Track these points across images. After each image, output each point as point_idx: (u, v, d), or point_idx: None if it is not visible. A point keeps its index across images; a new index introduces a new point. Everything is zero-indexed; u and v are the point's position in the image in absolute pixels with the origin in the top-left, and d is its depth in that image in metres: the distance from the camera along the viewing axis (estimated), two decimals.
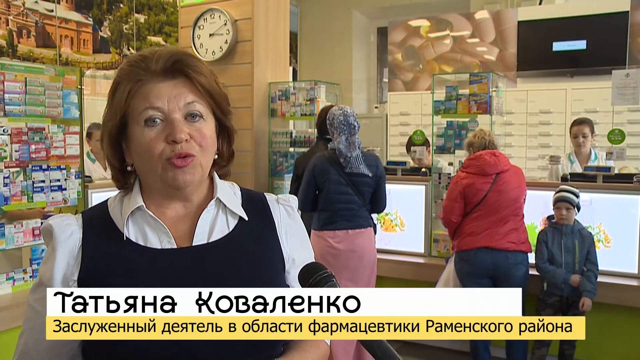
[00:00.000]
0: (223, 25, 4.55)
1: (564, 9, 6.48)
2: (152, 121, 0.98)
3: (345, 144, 3.30)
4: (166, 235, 1.02)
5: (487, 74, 4.13)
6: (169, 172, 0.99)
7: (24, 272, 2.99)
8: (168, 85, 0.99)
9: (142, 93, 0.99)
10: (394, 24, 7.50)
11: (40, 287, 1.01)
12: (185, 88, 1.00)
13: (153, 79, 0.99)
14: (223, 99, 1.06)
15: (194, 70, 1.00)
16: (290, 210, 1.14)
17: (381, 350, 0.80)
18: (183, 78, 1.01)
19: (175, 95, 0.99)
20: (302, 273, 0.89)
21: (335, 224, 3.32)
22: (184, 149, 0.98)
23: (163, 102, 0.98)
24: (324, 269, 0.87)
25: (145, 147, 0.99)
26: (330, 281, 0.86)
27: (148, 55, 1.01)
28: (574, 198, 3.36)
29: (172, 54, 1.01)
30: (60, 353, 1.01)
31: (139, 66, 1.00)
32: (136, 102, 0.99)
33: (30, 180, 2.95)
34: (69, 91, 3.14)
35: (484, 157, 3.45)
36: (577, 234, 3.37)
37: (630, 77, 3.75)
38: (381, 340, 0.81)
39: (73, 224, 1.03)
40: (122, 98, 0.99)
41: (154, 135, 0.98)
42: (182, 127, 0.98)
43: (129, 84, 0.99)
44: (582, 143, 4.31)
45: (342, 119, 3.30)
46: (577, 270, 3.33)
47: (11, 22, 4.81)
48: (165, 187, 1.02)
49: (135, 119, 1.00)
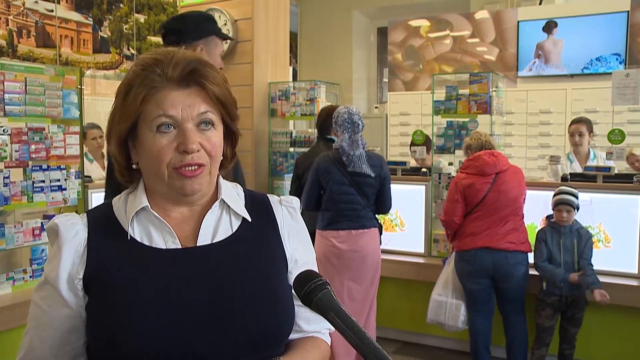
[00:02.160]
0: (223, 25, 4.55)
1: (564, 9, 6.49)
2: (165, 127, 0.98)
3: (348, 142, 3.30)
4: (171, 235, 1.03)
5: (487, 74, 4.13)
6: (176, 181, 1.00)
7: (24, 272, 2.99)
8: (182, 94, 0.99)
9: (156, 99, 0.99)
10: (394, 24, 7.50)
11: (46, 286, 1.01)
12: (199, 97, 1.00)
13: (168, 85, 0.99)
14: (233, 106, 1.06)
15: (210, 80, 1.00)
16: (292, 211, 1.15)
17: (376, 356, 0.80)
18: (197, 87, 1.01)
19: (189, 104, 0.99)
20: (297, 281, 0.90)
21: (339, 224, 3.32)
22: (195, 160, 0.99)
23: (177, 111, 0.98)
24: (318, 277, 0.88)
25: (155, 154, 0.99)
26: (325, 289, 0.87)
27: (163, 59, 1.00)
28: (574, 200, 3.36)
29: (189, 61, 1.00)
30: (64, 351, 1.01)
31: (154, 71, 0.99)
32: (149, 108, 0.99)
33: (30, 180, 2.95)
34: (69, 91, 3.14)
35: (483, 158, 3.45)
36: (576, 233, 3.37)
37: (630, 77, 3.75)
38: (377, 347, 0.81)
39: (78, 223, 1.03)
40: (136, 103, 0.99)
41: (165, 142, 0.98)
42: (194, 137, 0.99)
43: (143, 89, 0.98)
44: (579, 142, 4.32)
45: (347, 117, 3.31)
46: (576, 270, 3.33)
47: (11, 22, 4.81)
48: (171, 192, 1.03)
49: (147, 124, 0.99)
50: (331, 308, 0.85)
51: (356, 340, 0.82)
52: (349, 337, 0.83)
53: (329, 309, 0.85)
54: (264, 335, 1.00)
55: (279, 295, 1.05)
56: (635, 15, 5.96)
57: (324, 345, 1.15)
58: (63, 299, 0.99)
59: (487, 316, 3.52)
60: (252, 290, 1.01)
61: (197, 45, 2.20)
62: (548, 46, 6.39)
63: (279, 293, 1.05)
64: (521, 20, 6.52)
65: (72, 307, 0.99)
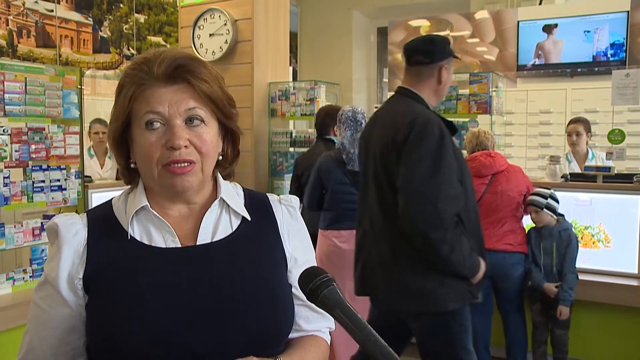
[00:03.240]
0: (223, 25, 4.55)
1: (564, 9, 6.49)
2: (152, 124, 0.99)
3: (349, 140, 3.31)
4: (170, 234, 1.03)
5: (487, 74, 4.13)
6: (167, 179, 1.00)
7: (24, 272, 2.99)
8: (169, 91, 0.99)
9: (144, 97, 0.99)
10: (394, 24, 7.50)
11: (46, 285, 1.02)
12: (186, 94, 1.00)
13: (155, 83, 0.99)
14: (226, 104, 1.05)
15: (196, 76, 1.00)
16: (292, 210, 1.16)
17: (382, 354, 0.80)
18: (185, 83, 1.00)
19: (176, 100, 0.99)
20: (302, 278, 0.88)
21: (340, 224, 3.32)
22: (183, 156, 0.99)
23: (164, 107, 0.99)
24: (324, 273, 0.87)
25: (145, 151, 0.99)
26: (331, 285, 0.86)
27: (151, 58, 1.01)
28: (539, 200, 3.33)
29: (176, 58, 1.00)
30: (64, 350, 1.01)
31: (142, 69, 1.00)
32: (138, 106, 1.00)
33: (30, 180, 2.95)
34: (69, 91, 3.14)
35: (479, 159, 3.45)
36: (557, 236, 3.32)
37: (630, 77, 3.75)
38: (383, 344, 0.81)
39: (78, 223, 1.03)
40: (125, 101, 1.00)
41: (154, 139, 0.99)
42: (182, 133, 0.98)
43: (132, 87, 0.99)
44: (576, 141, 4.32)
45: (351, 115, 3.33)
46: (554, 274, 3.31)
47: (11, 22, 4.81)
48: (164, 190, 1.03)
49: (137, 122, 1.00)
50: (337, 304, 0.84)
51: (362, 337, 0.81)
52: (354, 334, 0.82)
53: (334, 305, 0.84)
54: (264, 334, 1.01)
55: (278, 294, 1.05)
56: (635, 15, 5.96)
57: (324, 344, 1.16)
58: (63, 298, 0.99)
59: (486, 316, 3.51)
60: (252, 289, 1.02)
61: (442, 64, 2.42)
62: (548, 46, 6.39)
63: (279, 292, 1.06)
64: (521, 20, 6.52)
65: (72, 306, 1.00)
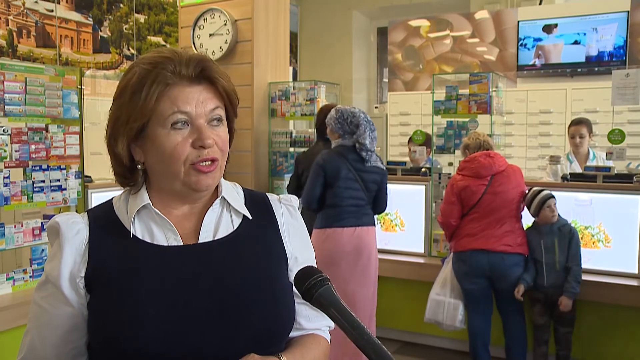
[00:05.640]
0: (223, 25, 4.55)
1: (564, 9, 6.49)
2: (180, 125, 0.99)
3: (369, 139, 3.35)
4: (172, 232, 1.03)
5: (487, 74, 4.13)
6: (192, 177, 1.01)
7: (24, 272, 2.99)
8: (195, 90, 1.01)
9: (169, 97, 0.99)
10: (394, 24, 7.50)
11: (47, 285, 1.01)
12: (210, 93, 1.02)
13: (181, 82, 1.00)
14: (237, 102, 1.09)
15: (219, 77, 1.03)
16: (292, 210, 1.16)
17: (376, 352, 0.81)
18: (207, 83, 1.02)
19: (202, 100, 1.01)
20: (298, 277, 0.91)
21: (343, 221, 3.32)
22: (210, 154, 1.01)
23: (191, 107, 0.99)
24: (318, 273, 0.89)
25: (171, 151, 0.99)
26: (325, 285, 0.88)
27: (173, 57, 1.00)
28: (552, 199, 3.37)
29: (200, 59, 1.02)
30: (66, 350, 1.01)
31: (166, 69, 0.99)
32: (162, 106, 0.99)
33: (30, 180, 2.95)
34: (69, 91, 3.14)
35: (479, 159, 3.45)
36: (556, 232, 3.36)
37: (630, 77, 3.75)
38: (376, 342, 0.82)
39: (79, 222, 1.03)
40: (151, 100, 0.98)
41: (180, 139, 0.99)
42: (209, 132, 1.00)
43: (157, 87, 0.98)
44: (580, 143, 4.32)
45: (363, 116, 3.37)
46: (559, 270, 3.32)
47: (11, 22, 4.81)
48: (184, 189, 1.03)
49: (160, 122, 0.99)
50: (332, 304, 0.86)
51: (356, 336, 0.83)
52: (349, 333, 0.84)
53: (329, 304, 0.86)
54: (265, 332, 1.01)
55: (279, 293, 1.06)
56: (635, 15, 5.96)
57: (324, 343, 1.17)
58: (65, 297, 0.99)
59: (486, 316, 3.52)
60: (254, 287, 1.02)
61: None
62: (548, 46, 6.40)
63: (280, 291, 1.06)
64: (521, 20, 6.52)
65: (74, 305, 1.00)
